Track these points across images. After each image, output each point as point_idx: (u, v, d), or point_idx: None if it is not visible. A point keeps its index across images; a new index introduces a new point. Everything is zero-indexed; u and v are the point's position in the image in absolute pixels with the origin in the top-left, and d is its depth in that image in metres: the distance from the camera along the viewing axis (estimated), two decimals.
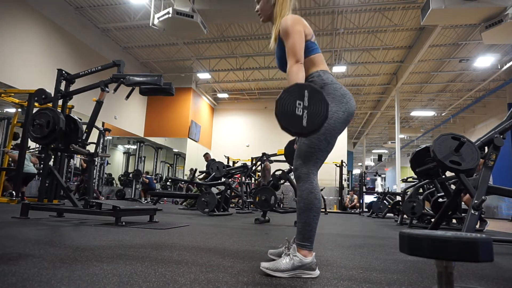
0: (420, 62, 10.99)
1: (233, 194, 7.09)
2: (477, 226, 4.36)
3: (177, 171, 15.80)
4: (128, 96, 3.89)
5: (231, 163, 12.02)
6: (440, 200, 4.55)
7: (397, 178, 12.36)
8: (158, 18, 7.40)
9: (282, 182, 5.03)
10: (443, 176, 3.90)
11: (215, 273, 1.29)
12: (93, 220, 3.24)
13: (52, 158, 3.93)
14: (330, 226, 4.36)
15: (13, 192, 5.36)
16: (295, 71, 1.37)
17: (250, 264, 1.51)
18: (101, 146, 9.78)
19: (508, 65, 10.39)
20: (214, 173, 6.84)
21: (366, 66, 11.98)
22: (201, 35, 8.42)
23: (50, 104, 3.71)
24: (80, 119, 3.78)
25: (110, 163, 12.90)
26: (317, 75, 1.48)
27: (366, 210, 10.39)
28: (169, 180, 13.62)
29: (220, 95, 15.29)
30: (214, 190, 6.21)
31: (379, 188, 26.01)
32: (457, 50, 10.49)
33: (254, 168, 8.71)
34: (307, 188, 1.40)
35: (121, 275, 1.16)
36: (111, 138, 12.85)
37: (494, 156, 2.77)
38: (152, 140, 13.52)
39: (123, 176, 12.57)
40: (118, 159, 15.02)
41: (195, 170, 7.59)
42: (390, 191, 9.41)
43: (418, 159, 3.90)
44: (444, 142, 2.75)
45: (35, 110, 3.76)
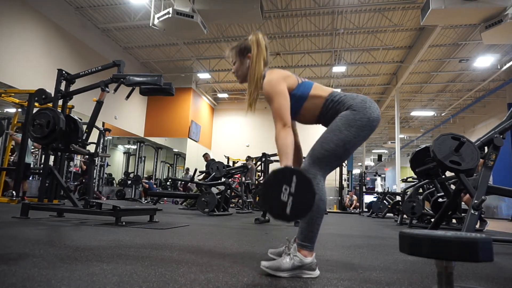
0: (420, 62, 10.99)
1: (233, 194, 7.09)
2: (477, 226, 4.36)
3: (177, 171, 15.81)
4: (128, 96, 3.89)
5: (231, 163, 12.01)
6: (440, 200, 4.55)
7: (397, 178, 12.37)
8: (158, 18, 7.40)
9: None
10: (443, 176, 3.90)
11: (215, 273, 1.29)
12: (93, 220, 3.24)
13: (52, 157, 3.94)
14: (330, 226, 4.36)
15: (13, 192, 5.37)
16: (283, 136, 1.34)
17: (250, 264, 1.51)
18: (101, 146, 9.78)
19: (508, 65, 10.39)
20: (214, 173, 6.84)
21: (366, 66, 11.98)
22: (201, 35, 8.42)
23: (50, 104, 3.71)
24: (80, 119, 3.78)
25: (110, 165, 12.89)
26: (330, 101, 1.46)
27: (366, 210, 10.39)
28: (169, 180, 13.63)
29: (220, 95, 15.29)
30: (214, 190, 6.21)
31: (379, 188, 26.01)
32: (457, 50, 10.49)
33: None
34: None
35: (121, 275, 1.16)
36: (111, 138, 12.84)
37: (494, 156, 2.77)
38: (152, 140, 13.52)
39: (123, 179, 12.57)
40: (118, 159, 15.01)
41: (195, 170, 7.58)
42: (390, 191, 9.42)
43: (418, 159, 3.91)
44: (444, 142, 2.75)
45: (35, 110, 3.76)
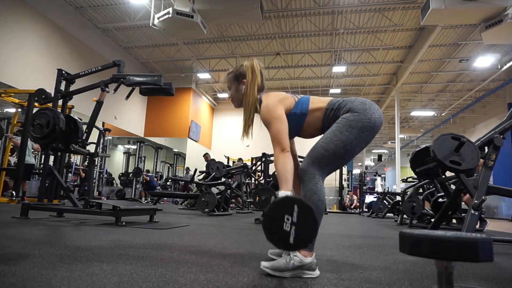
0: (420, 62, 10.99)
1: (233, 194, 7.09)
2: (477, 226, 4.36)
3: (177, 171, 15.81)
4: (128, 96, 3.89)
5: (231, 163, 12.01)
6: (440, 200, 4.55)
7: (397, 178, 12.36)
8: (158, 18, 7.40)
9: None
10: (443, 176, 3.90)
11: (215, 273, 1.29)
12: (93, 220, 3.24)
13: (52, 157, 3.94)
14: (330, 226, 4.36)
15: (13, 192, 5.37)
16: (282, 162, 1.35)
17: (250, 264, 1.51)
18: (101, 146, 9.79)
19: (508, 65, 10.39)
20: (214, 173, 6.84)
21: (366, 66, 11.98)
22: (201, 35, 8.43)
23: (50, 104, 3.71)
24: (80, 119, 3.78)
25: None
26: (329, 110, 1.48)
27: (366, 210, 10.39)
28: (169, 180, 13.63)
29: (220, 95, 15.29)
30: (214, 190, 6.21)
31: (379, 188, 26.01)
32: (457, 50, 10.49)
33: (254, 168, 8.70)
34: (311, 189, 1.39)
35: (121, 275, 1.16)
36: (111, 138, 12.85)
37: (494, 156, 2.77)
38: (152, 140, 13.52)
39: (123, 175, 12.58)
40: (118, 159, 15.02)
41: (195, 170, 7.58)
42: (390, 191, 9.41)
43: (418, 159, 3.90)
44: (444, 142, 2.75)
45: (35, 110, 3.76)
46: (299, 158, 1.71)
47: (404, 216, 5.33)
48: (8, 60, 7.08)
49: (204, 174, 7.95)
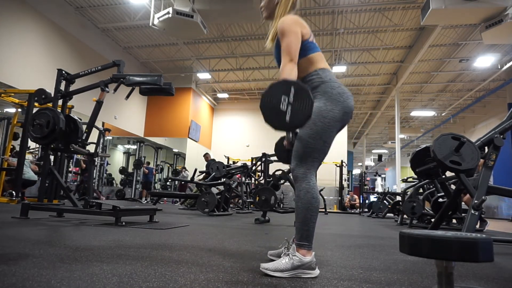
0: (420, 62, 10.99)
1: (233, 194, 7.09)
2: (477, 226, 4.36)
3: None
4: (128, 96, 3.89)
5: (231, 163, 12.02)
6: (440, 200, 4.55)
7: (397, 178, 12.36)
8: (158, 18, 7.39)
9: (282, 182, 5.03)
10: (443, 176, 3.90)
11: (215, 273, 1.29)
12: (93, 220, 3.24)
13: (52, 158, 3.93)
14: (330, 226, 4.36)
15: (13, 192, 5.36)
16: (288, 70, 1.38)
17: (250, 264, 1.51)
18: (101, 146, 9.78)
19: (508, 65, 10.39)
20: (214, 173, 6.84)
21: (366, 66, 11.98)
22: (201, 35, 8.42)
23: (50, 104, 3.71)
24: (80, 119, 3.78)
25: (110, 163, 12.94)
26: (315, 74, 1.49)
27: (366, 210, 10.39)
28: (169, 179, 13.64)
29: (220, 95, 15.29)
30: (214, 190, 6.21)
31: (379, 188, 26.02)
32: (457, 50, 10.49)
33: (254, 168, 8.70)
34: (304, 187, 1.40)
35: (121, 275, 1.16)
36: (111, 138, 12.85)
37: (494, 156, 2.77)
38: (152, 140, 13.52)
39: (123, 170, 12.63)
40: (118, 159, 15.02)
41: (195, 170, 7.58)
42: (390, 191, 9.41)
43: (418, 159, 3.90)
44: (444, 142, 2.75)
45: (35, 110, 3.76)
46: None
47: (404, 216, 5.33)
48: (8, 60, 7.08)
49: (204, 174, 7.95)
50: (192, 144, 13.34)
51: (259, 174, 9.71)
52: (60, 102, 3.82)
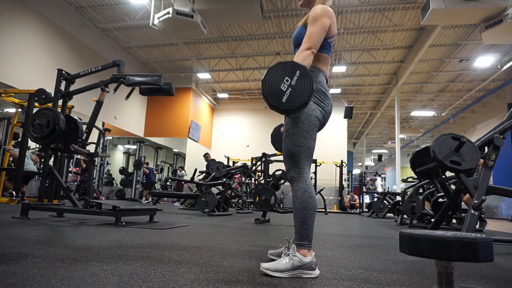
0: (420, 62, 10.99)
1: (233, 194, 7.09)
2: (477, 226, 4.36)
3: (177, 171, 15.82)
4: (128, 96, 3.89)
5: (231, 163, 12.02)
6: (440, 200, 4.55)
7: (397, 178, 12.36)
8: (158, 18, 7.39)
9: (282, 182, 5.03)
10: (443, 176, 3.90)
11: (215, 273, 1.29)
12: (93, 220, 3.24)
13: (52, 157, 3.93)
14: (330, 226, 4.36)
15: (13, 192, 5.37)
16: (304, 56, 1.39)
17: (250, 264, 1.51)
18: (101, 146, 9.79)
19: (508, 65, 10.39)
20: (214, 173, 6.84)
21: (366, 66, 11.98)
22: (201, 35, 8.42)
23: (50, 104, 3.71)
24: (80, 119, 3.78)
25: (110, 163, 12.95)
26: (311, 70, 1.50)
27: (366, 210, 10.39)
28: (169, 179, 13.64)
29: (220, 95, 15.29)
30: (214, 190, 6.21)
31: (379, 188, 26.00)
32: (457, 50, 10.49)
33: (254, 168, 8.70)
34: (301, 187, 1.41)
35: (121, 275, 1.16)
36: (111, 138, 12.85)
37: (494, 156, 2.77)
38: (152, 140, 13.53)
39: (123, 170, 12.64)
40: (118, 159, 15.02)
41: (194, 170, 7.58)
42: (390, 191, 9.41)
43: (418, 159, 3.91)
44: (444, 142, 2.75)
45: (35, 110, 3.76)
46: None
47: (404, 216, 5.33)
48: (8, 60, 7.08)
49: (204, 174, 7.95)
50: (192, 144, 13.34)
51: (259, 174, 9.70)
52: (60, 102, 3.82)
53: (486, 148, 2.87)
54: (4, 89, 6.51)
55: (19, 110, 6.46)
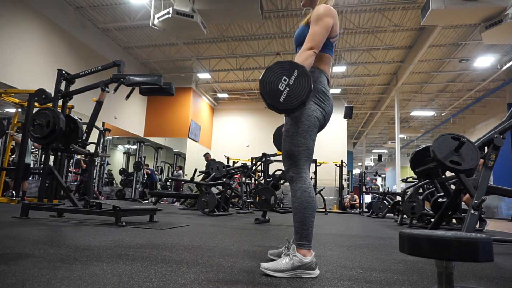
0: (420, 62, 10.99)
1: (233, 194, 7.08)
2: (477, 226, 4.36)
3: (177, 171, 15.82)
4: (128, 96, 3.89)
5: (231, 163, 12.02)
6: (440, 200, 4.55)
7: (397, 178, 12.36)
8: (158, 18, 7.39)
9: (282, 182, 5.03)
10: (443, 176, 3.90)
11: (215, 273, 1.29)
12: (93, 220, 3.24)
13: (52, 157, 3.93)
14: (330, 226, 4.36)
15: (13, 192, 5.37)
16: (306, 56, 1.38)
17: (250, 264, 1.51)
18: (101, 146, 9.79)
19: (508, 65, 10.39)
20: (214, 173, 6.84)
21: (366, 66, 11.98)
22: (201, 35, 8.42)
23: (50, 104, 3.71)
24: (80, 119, 3.78)
25: (110, 163, 12.95)
26: (311, 71, 1.50)
27: (366, 210, 10.39)
28: (169, 179, 13.64)
29: (220, 95, 15.29)
30: (214, 190, 6.21)
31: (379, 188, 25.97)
32: (457, 50, 10.49)
33: (254, 168, 8.70)
34: (300, 187, 1.41)
35: (121, 275, 1.16)
36: (111, 138, 12.85)
37: (494, 156, 2.77)
38: (152, 140, 13.53)
39: (123, 171, 12.63)
40: (118, 159, 15.02)
41: (194, 170, 7.58)
42: (390, 191, 9.41)
43: (418, 159, 3.91)
44: (444, 142, 2.75)
45: (35, 110, 3.76)
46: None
47: (404, 216, 5.33)
48: (8, 60, 7.08)
49: (204, 174, 7.95)
50: (192, 144, 13.34)
51: (259, 174, 9.70)
52: (60, 102, 3.82)
53: (486, 148, 2.87)
54: (4, 89, 6.52)
55: (19, 110, 6.47)
